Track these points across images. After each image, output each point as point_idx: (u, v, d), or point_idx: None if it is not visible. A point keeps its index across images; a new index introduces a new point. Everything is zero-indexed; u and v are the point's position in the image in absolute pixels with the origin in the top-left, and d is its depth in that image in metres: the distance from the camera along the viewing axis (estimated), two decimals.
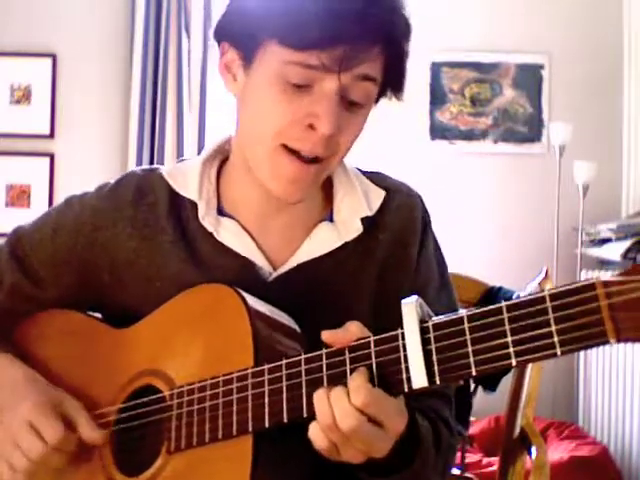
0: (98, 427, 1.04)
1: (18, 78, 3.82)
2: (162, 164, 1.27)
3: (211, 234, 1.09)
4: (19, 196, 3.80)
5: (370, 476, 0.94)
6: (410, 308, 0.84)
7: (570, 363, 3.65)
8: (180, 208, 1.12)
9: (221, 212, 1.12)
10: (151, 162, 3.68)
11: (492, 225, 3.82)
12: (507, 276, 2.05)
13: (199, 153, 1.18)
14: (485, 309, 0.80)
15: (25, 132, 3.81)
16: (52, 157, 3.80)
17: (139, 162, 3.69)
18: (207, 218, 1.10)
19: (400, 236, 1.13)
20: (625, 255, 3.29)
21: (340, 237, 1.10)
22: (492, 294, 1.61)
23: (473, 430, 3.21)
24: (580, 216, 3.49)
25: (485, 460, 3.05)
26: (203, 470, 0.96)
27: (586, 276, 3.52)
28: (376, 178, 1.17)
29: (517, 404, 1.54)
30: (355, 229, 1.10)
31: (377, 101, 1.06)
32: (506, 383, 1.54)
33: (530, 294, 0.78)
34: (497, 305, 0.79)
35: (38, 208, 3.65)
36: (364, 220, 1.11)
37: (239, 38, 1.03)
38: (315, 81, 0.98)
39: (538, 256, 3.59)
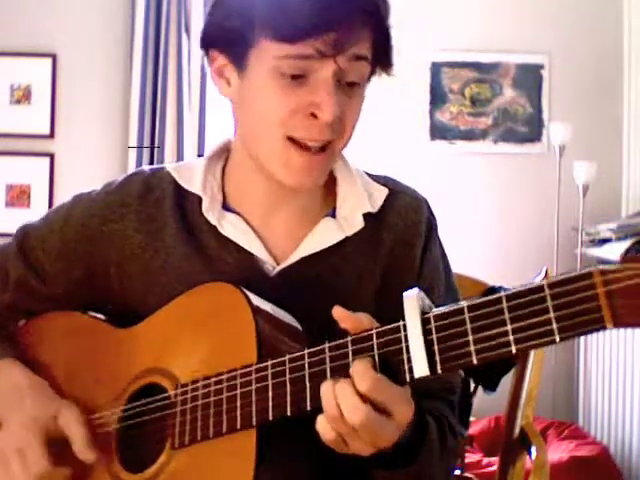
0: (93, 447, 1.04)
1: (18, 78, 3.81)
2: (162, 164, 1.28)
3: (215, 228, 1.10)
4: (19, 196, 3.79)
5: (377, 467, 0.94)
6: (411, 300, 0.85)
7: (570, 363, 3.65)
8: (185, 202, 1.13)
9: (226, 208, 1.13)
10: (151, 162, 3.67)
11: (492, 225, 3.82)
12: (507, 276, 2.04)
13: (199, 153, 1.21)
14: (485, 299, 0.81)
15: (25, 132, 3.81)
16: (52, 157, 3.80)
17: (139, 162, 3.68)
18: (211, 212, 1.11)
19: (404, 237, 1.14)
20: (625, 255, 3.29)
21: (342, 231, 1.11)
22: (492, 294, 1.60)
23: (473, 430, 3.21)
24: (580, 216, 3.49)
25: (485, 460, 3.05)
26: (207, 465, 0.97)
27: None
28: (381, 179, 1.18)
29: (517, 404, 1.54)
30: (357, 223, 1.11)
31: (369, 79, 1.08)
32: (506, 383, 1.53)
33: (528, 283, 0.79)
34: (497, 295, 0.81)
35: (38, 208, 3.65)
36: (366, 216, 1.12)
37: (228, 43, 1.05)
38: (311, 71, 1.00)
39: (538, 256, 3.59)
